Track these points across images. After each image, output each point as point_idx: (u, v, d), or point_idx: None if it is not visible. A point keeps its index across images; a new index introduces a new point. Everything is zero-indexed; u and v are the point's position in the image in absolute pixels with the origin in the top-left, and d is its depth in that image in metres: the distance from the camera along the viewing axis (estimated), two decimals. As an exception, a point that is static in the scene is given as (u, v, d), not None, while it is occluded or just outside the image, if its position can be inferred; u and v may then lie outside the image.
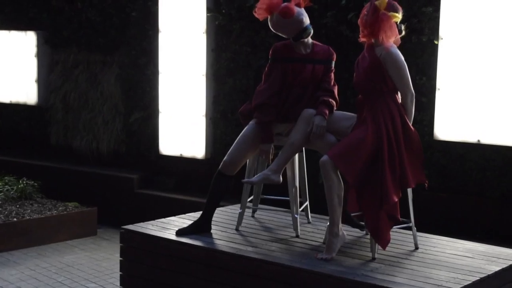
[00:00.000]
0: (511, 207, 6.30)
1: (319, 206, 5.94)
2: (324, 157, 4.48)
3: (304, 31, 4.89)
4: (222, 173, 5.01)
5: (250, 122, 4.99)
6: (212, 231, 5.18)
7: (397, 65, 4.61)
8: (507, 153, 6.24)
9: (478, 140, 6.28)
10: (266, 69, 5.02)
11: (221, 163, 5.02)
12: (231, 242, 4.93)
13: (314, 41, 5.02)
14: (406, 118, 4.64)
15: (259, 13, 4.96)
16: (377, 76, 4.62)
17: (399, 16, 4.63)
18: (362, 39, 4.73)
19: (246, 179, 5.00)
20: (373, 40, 4.67)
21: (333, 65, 5.00)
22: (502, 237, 6.06)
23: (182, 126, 8.20)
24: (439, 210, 6.54)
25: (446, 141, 6.46)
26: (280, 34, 5.02)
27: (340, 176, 4.51)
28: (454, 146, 6.49)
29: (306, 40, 4.92)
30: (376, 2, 4.60)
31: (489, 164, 6.39)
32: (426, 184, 4.72)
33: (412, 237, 4.97)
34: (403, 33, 4.74)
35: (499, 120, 6.15)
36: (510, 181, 6.30)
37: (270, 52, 5.02)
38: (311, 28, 4.93)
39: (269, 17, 4.94)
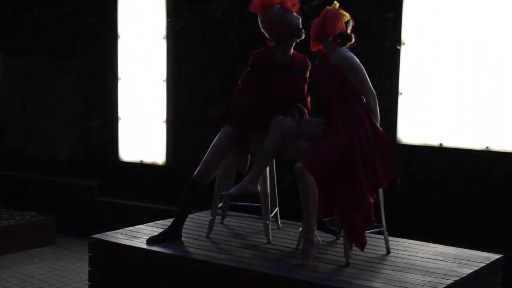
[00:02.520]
0: (473, 210, 6.39)
1: (286, 211, 5.95)
2: (299, 164, 4.47)
3: (298, 32, 4.79)
4: (197, 181, 4.95)
5: (223, 129, 4.94)
6: (183, 238, 5.12)
7: (355, 68, 4.64)
8: (469, 156, 6.33)
9: (441, 144, 6.36)
10: (245, 75, 4.95)
11: (196, 172, 4.95)
12: (203, 249, 4.89)
13: (294, 50, 4.96)
14: (374, 119, 4.67)
15: (257, 5, 4.78)
16: (337, 82, 4.65)
17: (347, 15, 4.68)
18: (313, 47, 4.76)
19: (224, 192, 4.93)
20: (324, 49, 4.70)
21: (307, 75, 4.98)
22: (465, 240, 6.14)
23: (142, 132, 8.13)
24: (402, 214, 6.59)
25: (408, 144, 6.53)
26: (267, 34, 4.84)
27: (315, 183, 4.50)
28: (416, 150, 6.56)
29: (289, 49, 4.88)
30: (327, 7, 4.69)
31: (451, 167, 6.48)
32: (398, 182, 4.75)
33: (383, 241, 5.00)
34: (353, 40, 4.76)
35: (461, 124, 6.24)
36: (472, 184, 6.40)
37: (251, 59, 4.92)
38: (303, 33, 4.85)
39: (263, 12, 4.78)
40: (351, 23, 4.74)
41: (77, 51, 8.81)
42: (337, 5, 4.71)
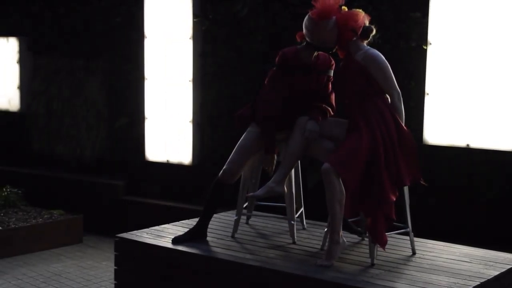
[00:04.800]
0: (499, 211, 6.34)
1: (310, 212, 5.95)
2: (326, 165, 4.47)
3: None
4: (222, 181, 4.97)
5: (249, 129, 4.95)
6: (208, 238, 5.15)
7: (380, 66, 4.63)
8: (496, 157, 6.28)
9: (467, 145, 6.31)
10: (272, 74, 4.93)
11: (221, 172, 4.97)
12: (228, 249, 4.90)
13: None
14: (398, 118, 4.65)
15: (320, 13, 4.66)
16: (362, 81, 4.64)
17: (360, 10, 4.68)
18: (341, 54, 4.76)
19: (251, 194, 4.94)
20: (350, 48, 4.69)
21: (332, 74, 4.96)
22: (491, 241, 6.10)
23: (169, 132, 8.16)
24: (428, 215, 6.56)
25: (435, 145, 6.48)
26: (310, 38, 4.73)
27: (341, 183, 4.50)
28: (443, 151, 6.52)
29: (317, 52, 4.86)
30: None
31: (478, 168, 6.43)
32: (423, 182, 4.72)
33: (408, 242, 4.98)
34: (374, 31, 4.73)
35: (488, 125, 6.18)
36: (499, 185, 6.34)
37: (278, 58, 4.90)
38: None
39: (320, 22, 4.69)
40: (367, 18, 4.73)
41: (104, 51, 8.87)
42: (346, 9, 4.71)
